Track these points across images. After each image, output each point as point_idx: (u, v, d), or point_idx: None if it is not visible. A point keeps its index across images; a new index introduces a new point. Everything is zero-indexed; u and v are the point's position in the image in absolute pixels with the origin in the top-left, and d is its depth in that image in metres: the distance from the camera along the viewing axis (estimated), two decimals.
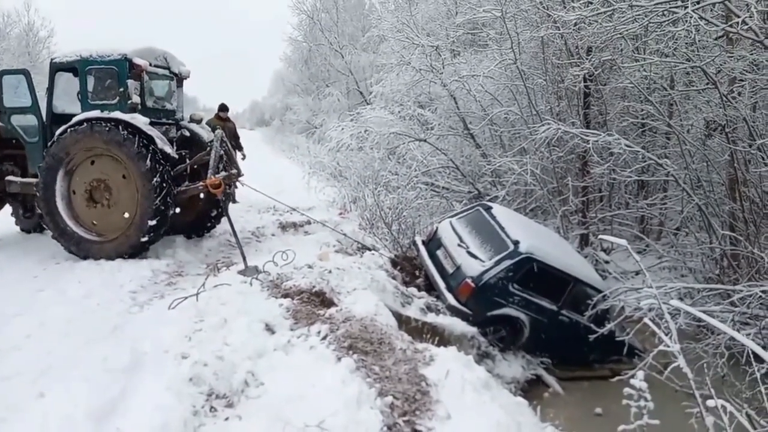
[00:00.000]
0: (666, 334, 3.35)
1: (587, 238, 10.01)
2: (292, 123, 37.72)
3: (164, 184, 7.13)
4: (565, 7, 8.85)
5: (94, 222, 7.38)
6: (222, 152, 7.94)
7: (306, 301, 5.41)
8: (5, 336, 4.88)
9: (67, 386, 3.53)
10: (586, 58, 8.70)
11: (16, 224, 9.21)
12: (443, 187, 12.07)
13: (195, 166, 8.22)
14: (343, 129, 13.47)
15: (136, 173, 7.04)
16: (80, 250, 7.31)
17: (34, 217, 8.14)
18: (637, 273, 8.67)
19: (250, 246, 8.51)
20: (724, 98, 6.77)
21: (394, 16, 14.10)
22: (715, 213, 7.68)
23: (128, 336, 3.32)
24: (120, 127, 6.96)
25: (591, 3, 7.78)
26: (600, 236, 6.01)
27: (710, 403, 3.03)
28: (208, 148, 7.84)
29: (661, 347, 3.39)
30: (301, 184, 13.43)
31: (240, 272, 6.35)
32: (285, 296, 5.48)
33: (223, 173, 7.91)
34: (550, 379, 6.45)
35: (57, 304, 5.80)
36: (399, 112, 13.49)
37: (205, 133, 8.53)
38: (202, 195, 8.05)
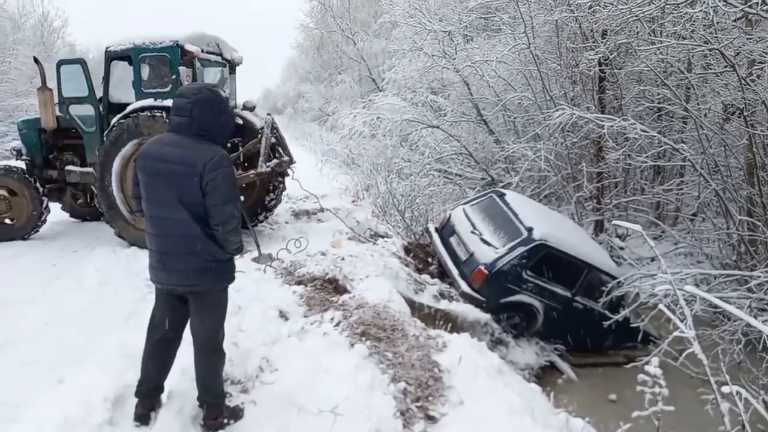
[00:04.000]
0: (681, 321, 3.32)
1: (602, 225, 9.93)
2: (304, 111, 37.78)
3: None
4: None
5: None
6: (273, 139, 7.87)
7: (319, 288, 5.44)
8: (23, 323, 4.97)
9: (84, 372, 3.58)
10: (601, 42, 8.57)
11: (62, 209, 9.37)
12: (456, 174, 12.01)
13: (248, 154, 8.11)
14: (355, 116, 13.43)
15: None
16: (111, 216, 7.32)
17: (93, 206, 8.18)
18: (653, 259, 8.60)
19: (263, 233, 8.56)
20: (743, 81, 6.64)
21: (407, 1, 13.95)
22: (732, 198, 7.57)
23: (144, 323, 3.37)
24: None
25: None
26: (614, 222, 5.95)
27: (725, 389, 3.01)
28: (260, 136, 7.78)
29: (676, 333, 3.36)
30: (314, 171, 13.45)
31: (254, 260, 6.40)
32: (298, 283, 5.52)
33: (275, 161, 7.85)
34: (563, 366, 6.44)
35: (74, 292, 5.89)
36: (411, 98, 13.41)
37: (258, 120, 8.35)
38: (256, 183, 7.95)
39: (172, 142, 2.88)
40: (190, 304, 3.09)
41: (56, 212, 8.44)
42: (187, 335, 3.20)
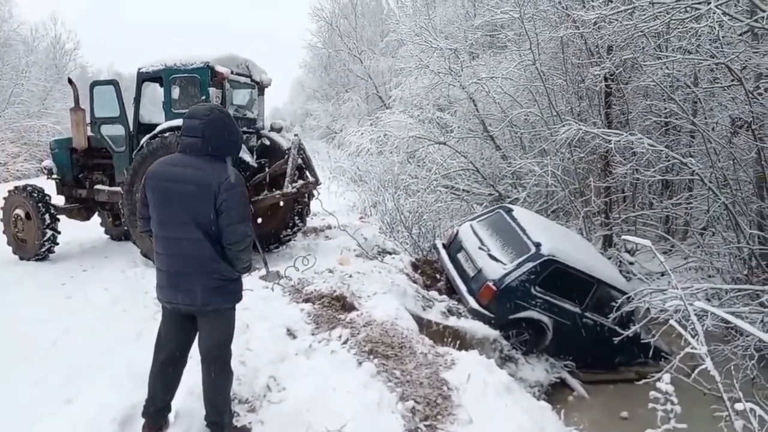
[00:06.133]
0: (693, 336, 3.28)
1: (611, 239, 9.88)
2: (312, 129, 38.07)
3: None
4: (584, 6, 8.79)
5: None
6: (300, 160, 7.91)
7: (327, 306, 5.41)
8: (34, 342, 5.00)
9: (94, 392, 3.59)
10: (607, 57, 8.61)
11: (106, 233, 9.50)
12: (463, 190, 12.03)
13: (274, 175, 8.09)
14: (362, 134, 13.56)
15: None
16: (131, 222, 7.29)
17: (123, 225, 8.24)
18: (663, 274, 8.53)
19: (271, 251, 8.56)
20: (750, 95, 6.63)
21: (413, 20, 14.15)
22: (742, 212, 7.51)
23: (153, 342, 3.38)
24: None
25: (611, 1, 7.69)
26: (623, 237, 5.92)
27: (739, 406, 2.97)
28: (286, 157, 7.80)
29: (687, 349, 3.32)
30: (322, 189, 13.51)
31: (261, 277, 6.39)
32: (306, 301, 5.50)
33: (300, 182, 7.87)
34: (574, 383, 6.36)
35: (83, 311, 5.93)
36: (418, 115, 13.51)
37: (285, 141, 8.37)
38: (281, 204, 7.92)
39: (183, 163, 2.90)
40: (198, 323, 3.09)
41: (65, 231, 8.49)
42: (194, 354, 3.20)
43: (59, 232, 8.04)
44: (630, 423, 5.37)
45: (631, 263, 9.20)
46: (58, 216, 8.08)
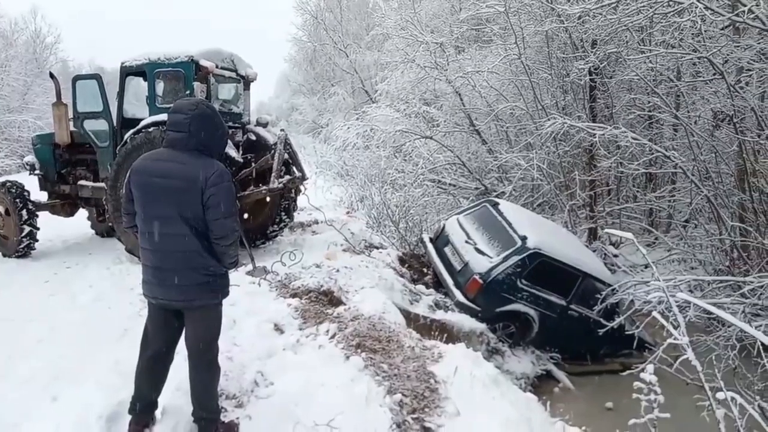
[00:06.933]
0: (675, 327, 3.33)
1: (595, 232, 9.97)
2: (298, 123, 37.88)
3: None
4: (569, 0, 8.82)
5: None
6: (286, 155, 7.86)
7: (314, 301, 5.43)
8: (18, 341, 4.94)
9: (80, 390, 3.56)
10: (591, 51, 8.67)
11: (92, 228, 9.37)
12: (450, 184, 12.05)
13: (260, 170, 7.99)
14: (348, 128, 13.51)
15: None
16: (115, 218, 7.19)
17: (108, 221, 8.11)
18: (647, 266, 8.64)
19: (257, 246, 8.53)
20: (732, 88, 6.72)
21: (398, 13, 14.08)
22: (724, 204, 7.63)
23: (138, 339, 3.36)
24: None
25: None
26: (606, 230, 5.99)
27: (720, 395, 3.02)
28: (272, 152, 7.75)
29: (670, 340, 3.38)
30: (309, 183, 13.47)
31: (248, 273, 6.37)
32: (293, 296, 5.50)
33: (287, 177, 7.80)
34: (560, 374, 6.43)
35: (68, 309, 5.86)
36: (404, 109, 13.48)
37: (271, 136, 8.26)
38: (268, 199, 7.87)
39: (169, 158, 2.87)
40: (185, 318, 3.07)
41: (48, 227, 8.38)
42: (181, 350, 3.18)
43: (38, 228, 7.92)
44: (615, 413, 5.43)
45: (615, 256, 9.30)
46: (36, 212, 7.96)
